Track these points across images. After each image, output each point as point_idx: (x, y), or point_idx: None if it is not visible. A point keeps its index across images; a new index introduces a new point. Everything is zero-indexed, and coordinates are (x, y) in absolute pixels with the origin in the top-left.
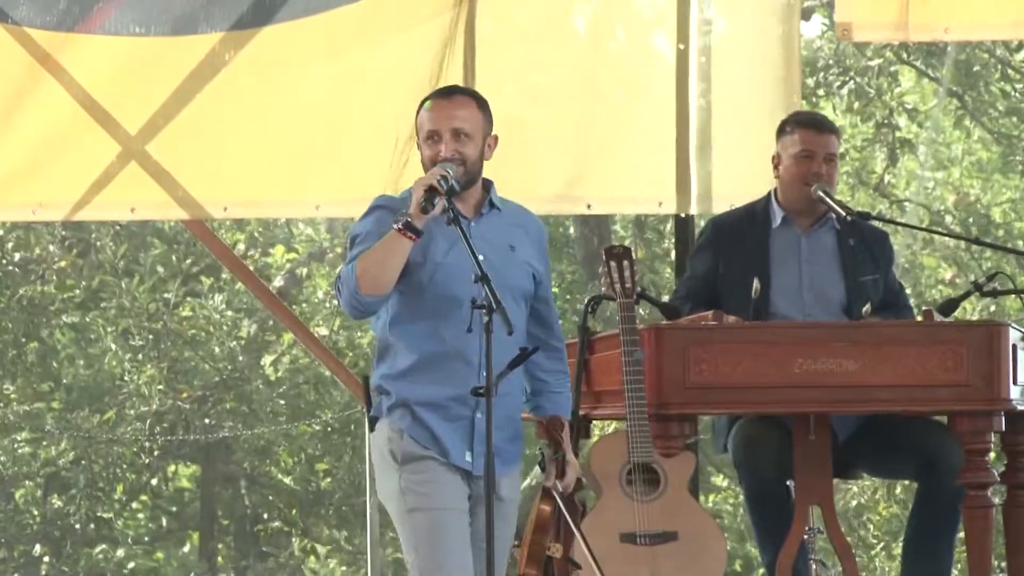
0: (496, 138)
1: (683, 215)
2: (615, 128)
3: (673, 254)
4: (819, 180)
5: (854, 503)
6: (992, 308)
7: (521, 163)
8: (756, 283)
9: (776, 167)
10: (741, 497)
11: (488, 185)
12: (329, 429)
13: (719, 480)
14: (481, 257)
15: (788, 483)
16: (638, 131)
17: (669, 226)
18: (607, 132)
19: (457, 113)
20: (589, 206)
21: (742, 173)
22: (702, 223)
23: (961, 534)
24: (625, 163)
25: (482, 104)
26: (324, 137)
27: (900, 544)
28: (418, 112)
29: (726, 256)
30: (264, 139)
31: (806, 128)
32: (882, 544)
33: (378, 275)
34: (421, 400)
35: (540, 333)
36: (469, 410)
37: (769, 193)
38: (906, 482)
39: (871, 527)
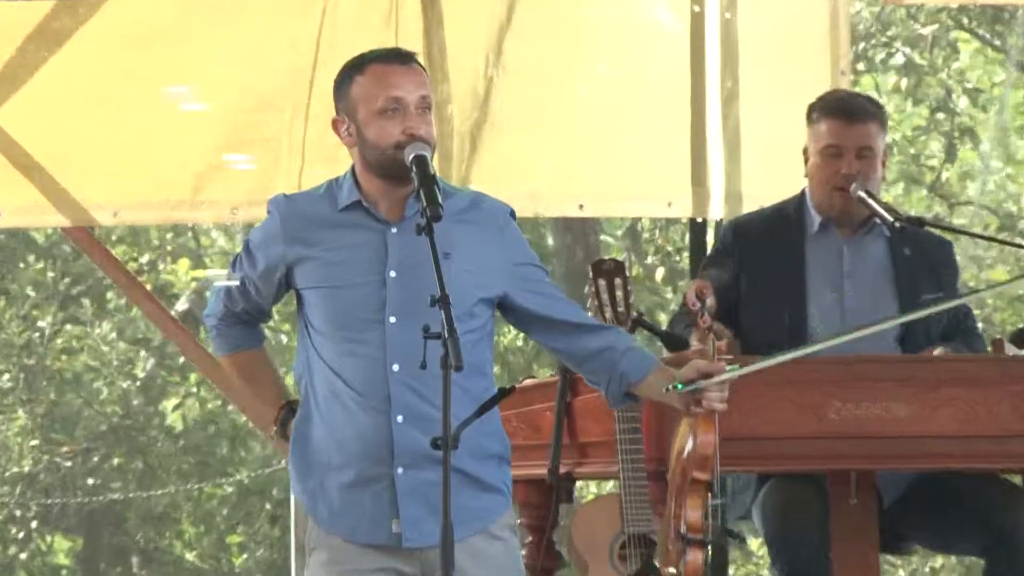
0: None
1: (700, 219)
2: (612, 108)
3: (672, 266)
4: (849, 182)
5: None
6: None
7: (491, 152)
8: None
9: (806, 160)
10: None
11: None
12: (245, 491)
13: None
14: (392, 274)
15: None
16: (642, 111)
17: (677, 235)
18: (602, 113)
19: (420, 80)
20: (582, 206)
21: (777, 166)
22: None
23: None
24: (626, 152)
25: (427, 76)
26: (245, 119)
27: None
28: (348, 79)
29: (750, 270)
30: (167, 124)
31: (833, 116)
32: None
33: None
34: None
35: (561, 342)
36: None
37: (802, 192)
38: (970, 558)
39: None
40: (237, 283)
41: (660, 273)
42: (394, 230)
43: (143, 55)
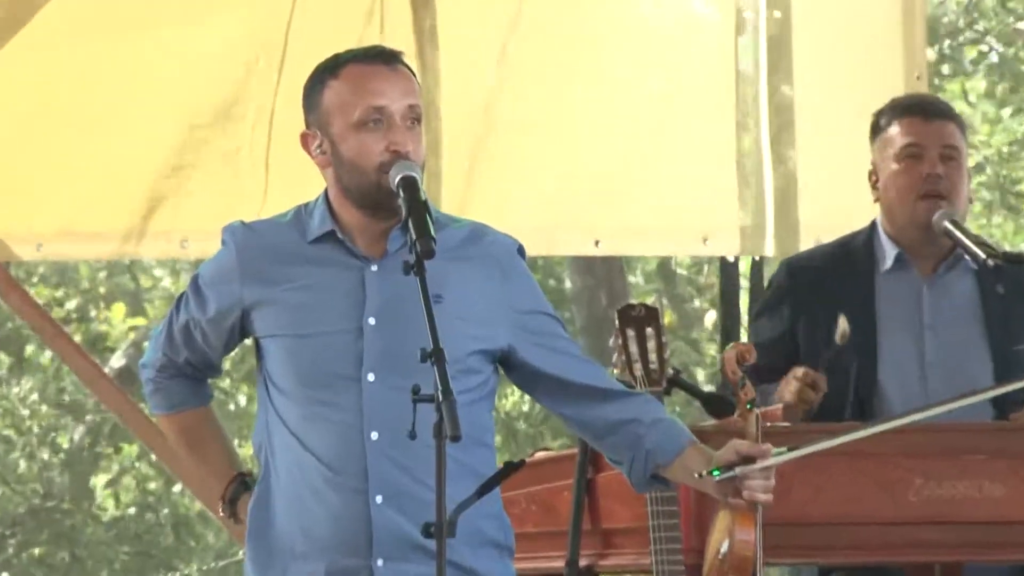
0: None
1: (745, 258)
2: (638, 124)
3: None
4: (936, 184)
5: None
6: None
7: (491, 175)
8: (843, 323)
9: (874, 184)
10: None
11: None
12: None
13: None
14: (371, 321)
15: None
16: (673, 128)
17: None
18: (626, 129)
19: (408, 86)
20: (597, 243)
21: (840, 193)
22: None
23: None
24: (652, 179)
25: (417, 81)
26: (196, 132)
27: None
28: (320, 84)
29: (809, 317)
30: (102, 139)
31: (908, 114)
32: None
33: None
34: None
35: (574, 409)
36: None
37: (872, 223)
38: None
39: None
40: (181, 327)
41: (708, 319)
42: (374, 267)
43: (74, 56)
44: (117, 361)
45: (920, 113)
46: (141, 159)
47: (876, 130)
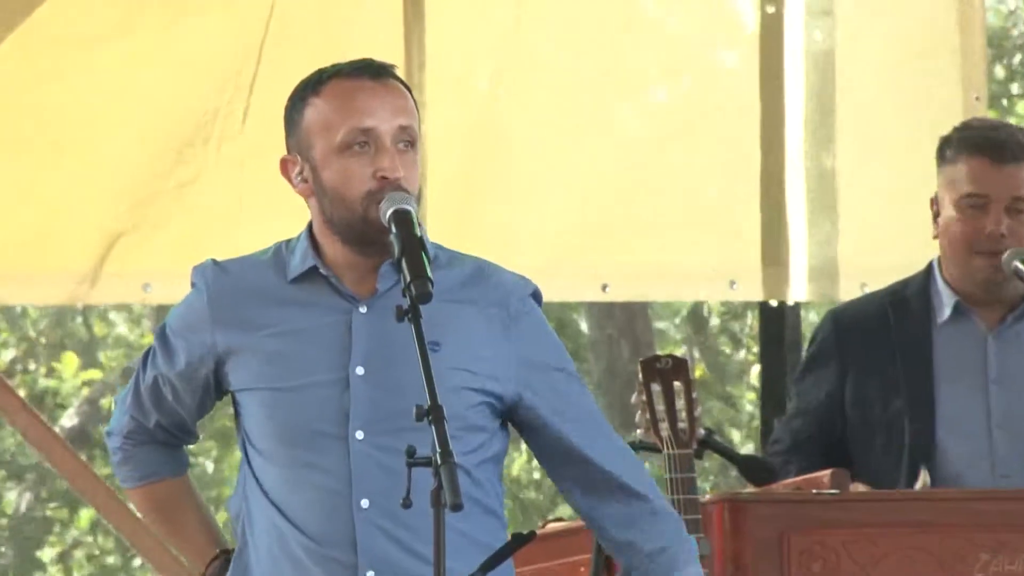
0: None
1: (777, 303)
2: (651, 151)
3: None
4: (996, 245)
5: None
6: None
7: (484, 208)
8: (924, 475)
9: (935, 217)
10: None
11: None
12: None
13: None
14: (359, 370)
15: None
16: (694, 154)
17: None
18: (640, 155)
19: (400, 104)
20: (605, 287)
21: (890, 231)
22: (813, 317)
23: None
24: (668, 211)
25: (412, 97)
26: (160, 157)
27: None
28: (300, 102)
29: (858, 375)
30: (53, 167)
31: (976, 154)
32: None
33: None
34: None
35: (576, 493)
36: None
37: (930, 265)
38: None
39: None
40: (148, 385)
41: (754, 372)
42: (363, 309)
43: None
44: (69, 420)
45: (991, 155)
46: (97, 191)
47: (942, 157)
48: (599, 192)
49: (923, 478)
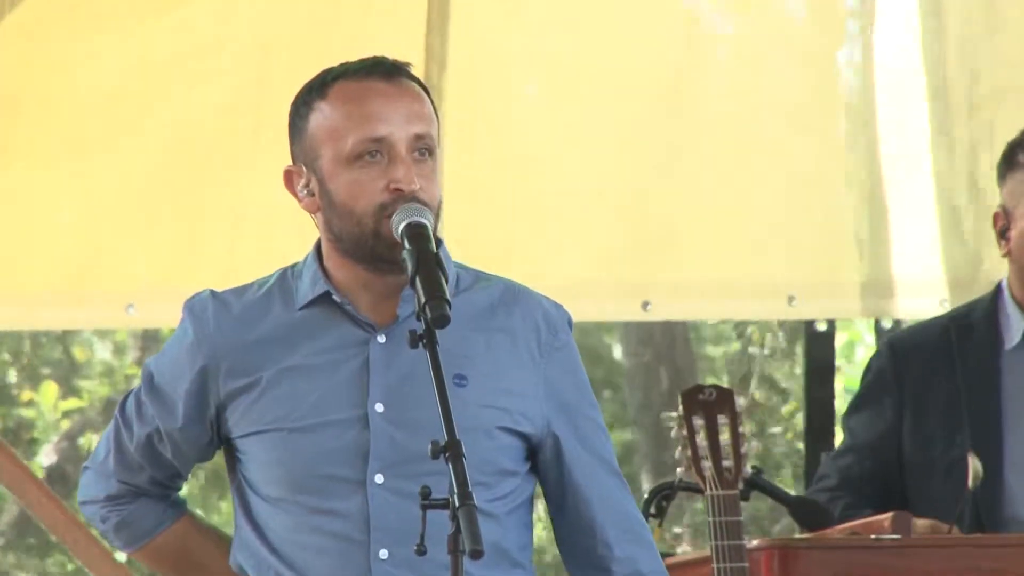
0: None
1: (832, 323)
2: (694, 157)
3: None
4: None
5: None
6: None
7: (504, 223)
8: (974, 462)
9: (1002, 232)
10: None
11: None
12: None
13: None
14: (379, 407)
15: None
16: (739, 161)
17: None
18: (682, 165)
19: (416, 108)
20: (647, 305)
21: (959, 242)
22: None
23: None
24: (716, 219)
25: (430, 99)
26: (142, 168)
27: None
28: (306, 106)
29: (917, 409)
30: (28, 185)
31: None
32: None
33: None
34: None
35: (568, 542)
36: None
37: (998, 286)
38: None
39: None
40: (140, 444)
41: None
42: (381, 338)
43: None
44: (47, 457)
45: None
46: (76, 206)
47: (1009, 165)
48: (641, 195)
49: (973, 465)
